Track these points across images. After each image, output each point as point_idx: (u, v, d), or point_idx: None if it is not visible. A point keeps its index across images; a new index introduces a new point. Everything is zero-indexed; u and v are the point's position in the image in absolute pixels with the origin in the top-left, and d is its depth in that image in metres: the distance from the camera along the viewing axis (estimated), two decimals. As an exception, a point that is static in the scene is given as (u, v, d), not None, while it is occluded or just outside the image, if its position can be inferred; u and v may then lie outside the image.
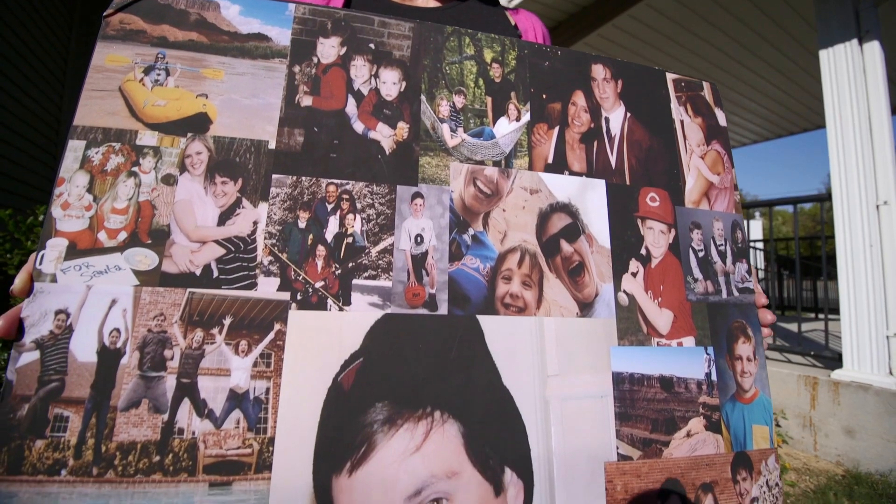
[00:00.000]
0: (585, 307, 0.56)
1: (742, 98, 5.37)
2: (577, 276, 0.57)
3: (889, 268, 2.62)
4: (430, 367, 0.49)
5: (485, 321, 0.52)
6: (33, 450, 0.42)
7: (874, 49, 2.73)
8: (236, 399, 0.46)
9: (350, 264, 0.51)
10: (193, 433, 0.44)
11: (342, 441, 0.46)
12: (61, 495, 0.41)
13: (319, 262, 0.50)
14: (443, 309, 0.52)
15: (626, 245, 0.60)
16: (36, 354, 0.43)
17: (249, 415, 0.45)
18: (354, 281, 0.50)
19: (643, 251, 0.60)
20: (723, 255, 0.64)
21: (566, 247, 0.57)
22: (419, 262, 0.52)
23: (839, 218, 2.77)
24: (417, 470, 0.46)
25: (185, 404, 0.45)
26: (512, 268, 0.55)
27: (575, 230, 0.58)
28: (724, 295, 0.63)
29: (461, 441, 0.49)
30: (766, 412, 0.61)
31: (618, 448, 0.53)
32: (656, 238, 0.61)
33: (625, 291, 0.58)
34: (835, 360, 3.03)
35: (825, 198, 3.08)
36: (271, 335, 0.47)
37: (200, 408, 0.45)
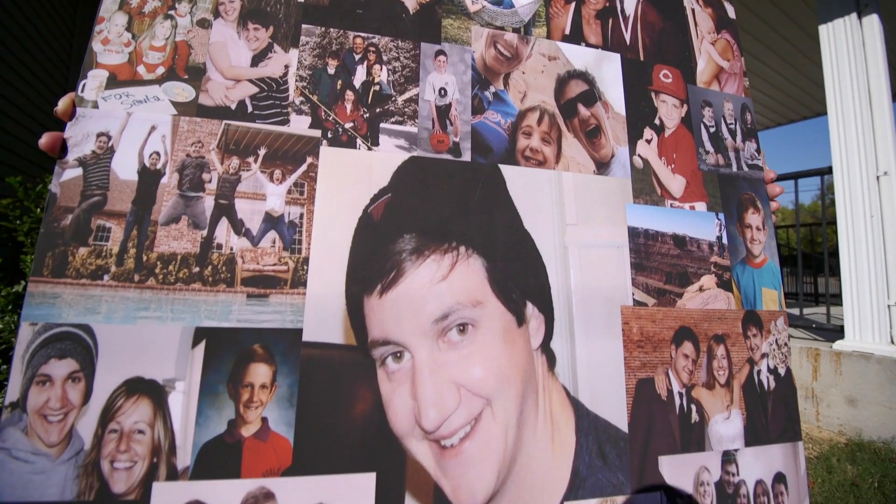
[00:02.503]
0: (602, 166, 0.58)
1: (742, 86, 5.37)
2: (594, 137, 0.59)
3: (889, 238, 2.64)
4: (455, 207, 0.51)
5: (506, 170, 0.54)
6: (77, 256, 0.43)
7: (873, 22, 2.75)
8: (272, 221, 0.47)
9: (377, 109, 0.53)
10: (231, 249, 0.46)
11: (373, 265, 0.48)
12: (104, 298, 0.43)
13: (348, 106, 0.52)
14: (466, 156, 0.53)
15: (640, 114, 0.62)
16: (78, 171, 0.45)
17: (285, 236, 0.47)
18: (382, 124, 0.52)
19: (657, 121, 0.62)
20: (733, 133, 0.66)
21: (583, 110, 0.59)
22: (443, 112, 0.54)
23: (840, 189, 2.80)
24: (444, 296, 0.48)
25: (223, 223, 0.47)
26: (532, 125, 0.57)
27: (591, 96, 0.60)
28: (735, 168, 0.65)
29: (485, 275, 0.50)
30: (774, 277, 0.63)
31: (633, 294, 0.55)
32: (669, 111, 0.63)
33: (639, 155, 0.60)
34: (836, 333, 3.05)
35: (826, 171, 3.11)
36: (304, 167, 0.49)
37: (238, 226, 0.47)
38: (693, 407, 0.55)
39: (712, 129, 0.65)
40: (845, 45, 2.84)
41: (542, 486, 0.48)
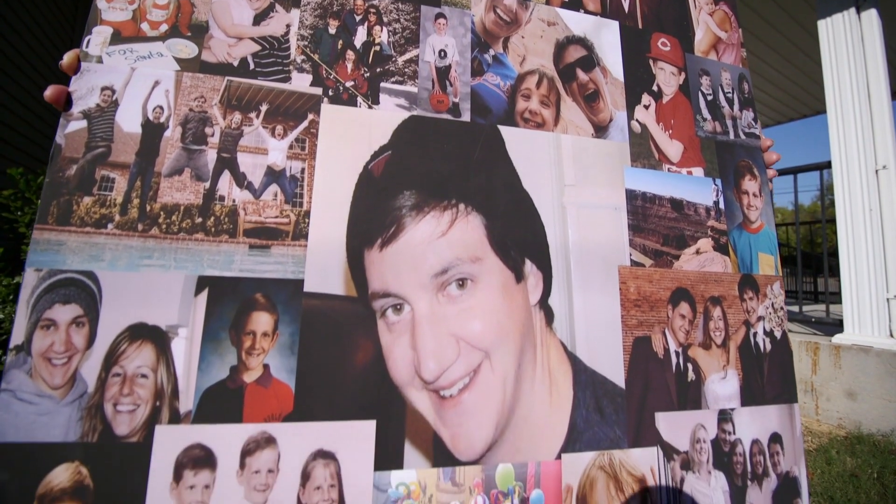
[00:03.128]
0: (600, 130, 0.59)
1: (741, 84, 5.35)
2: (593, 101, 0.59)
3: (889, 231, 2.64)
4: (455, 166, 0.52)
5: (505, 131, 0.55)
6: (81, 205, 0.44)
7: (872, 17, 2.76)
8: (273, 175, 0.48)
9: (378, 69, 0.53)
10: (234, 201, 0.47)
11: (373, 220, 0.48)
12: (108, 246, 0.44)
13: (349, 65, 0.52)
14: (466, 116, 0.54)
15: (638, 80, 0.62)
16: (83, 123, 0.46)
17: (286, 189, 0.48)
18: (382, 84, 0.53)
19: (655, 88, 0.63)
20: (730, 102, 0.67)
21: (582, 75, 0.60)
22: (443, 73, 0.55)
23: (839, 183, 2.80)
24: (443, 252, 0.49)
25: (226, 176, 0.47)
26: (531, 87, 0.57)
27: (590, 61, 0.61)
28: (732, 136, 0.65)
29: (484, 232, 0.51)
30: (771, 243, 0.63)
31: (630, 255, 0.56)
32: (667, 78, 0.64)
33: (637, 120, 0.61)
34: (835, 327, 3.06)
35: (825, 166, 3.11)
36: (305, 123, 0.50)
37: (240, 179, 0.47)
38: (689, 366, 0.55)
39: (710, 98, 0.65)
40: (844, 40, 2.85)
41: (540, 438, 0.49)
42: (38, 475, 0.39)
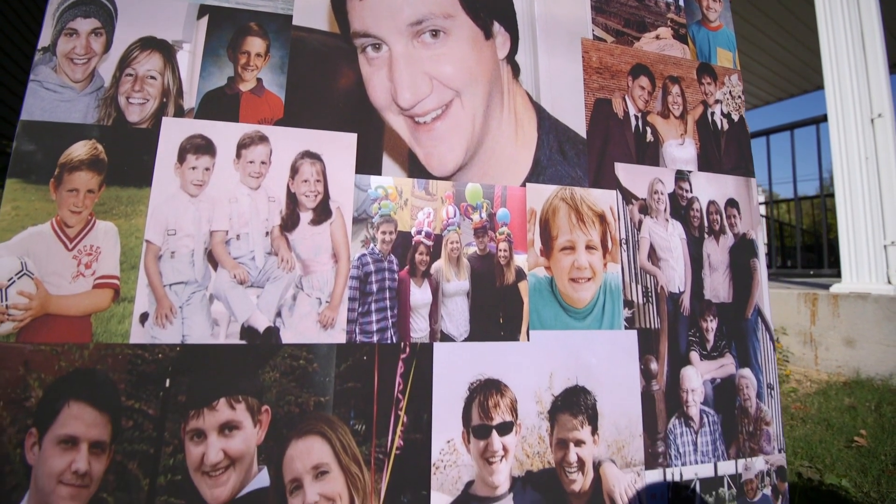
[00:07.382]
0: (566, -73, 0.64)
1: (739, 55, 5.36)
2: None
3: (885, 179, 2.66)
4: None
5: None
6: (99, -56, 0.50)
7: (866, -31, 2.79)
8: (265, -70, 0.54)
9: None
10: (230, -52, 0.53)
11: (355, -26, 0.54)
12: (122, -23, 0.50)
13: None
14: None
15: None
16: None
17: (276, -58, 0.54)
18: None
19: None
20: (691, -79, 0.72)
21: None
22: None
23: (834, 133, 2.82)
24: (418, 6, 0.54)
25: (223, -72, 0.53)
26: None
27: None
28: (692, -51, 0.70)
29: (456, -6, 0.56)
30: (730, 42, 0.68)
31: (593, 31, 0.61)
32: None
33: (601, -76, 0.66)
34: (834, 277, 3.07)
35: (822, 119, 3.13)
36: None
37: (236, -69, 0.53)
38: (648, 129, 0.60)
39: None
40: (839, -7, 2.87)
41: (507, 167, 0.54)
42: (60, 148, 0.45)
